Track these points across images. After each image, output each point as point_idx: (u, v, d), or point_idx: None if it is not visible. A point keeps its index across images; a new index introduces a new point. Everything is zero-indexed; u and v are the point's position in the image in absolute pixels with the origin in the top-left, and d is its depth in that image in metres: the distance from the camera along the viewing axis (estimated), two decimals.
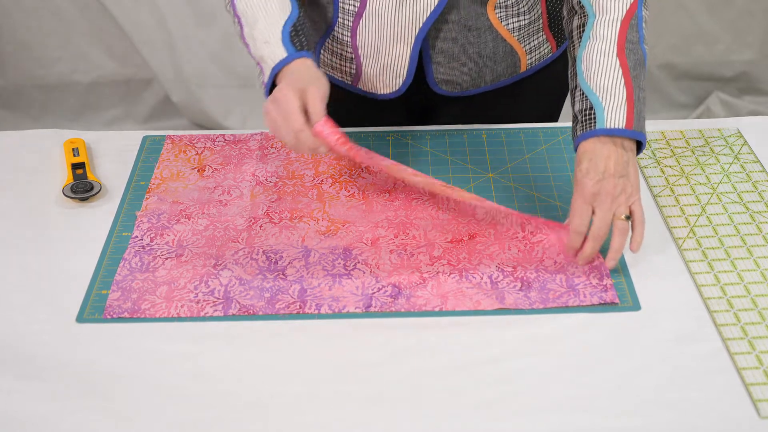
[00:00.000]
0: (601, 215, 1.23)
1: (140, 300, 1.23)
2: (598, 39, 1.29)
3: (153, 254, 1.30)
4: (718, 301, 1.22)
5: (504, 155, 1.50)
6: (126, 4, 2.90)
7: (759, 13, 3.03)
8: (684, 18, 3.02)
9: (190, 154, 1.49)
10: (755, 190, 1.42)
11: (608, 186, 1.22)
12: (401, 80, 1.50)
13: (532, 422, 1.07)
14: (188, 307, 1.22)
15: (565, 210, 1.37)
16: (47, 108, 3.06)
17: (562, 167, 1.47)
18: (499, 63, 1.53)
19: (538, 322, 1.20)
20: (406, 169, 1.33)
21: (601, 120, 1.24)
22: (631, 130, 1.24)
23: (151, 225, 1.35)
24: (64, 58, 2.98)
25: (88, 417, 1.08)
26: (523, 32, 1.51)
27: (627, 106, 1.25)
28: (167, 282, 1.25)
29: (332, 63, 1.55)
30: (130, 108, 3.08)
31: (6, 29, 2.93)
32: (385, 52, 1.48)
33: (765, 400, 1.09)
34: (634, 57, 1.28)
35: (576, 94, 1.29)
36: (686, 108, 3.17)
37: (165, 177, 1.45)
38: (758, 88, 3.15)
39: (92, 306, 1.22)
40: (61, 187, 1.43)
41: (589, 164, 1.23)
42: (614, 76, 1.27)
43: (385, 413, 1.08)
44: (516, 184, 1.43)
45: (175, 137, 1.53)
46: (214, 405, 1.10)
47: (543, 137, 1.54)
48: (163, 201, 1.40)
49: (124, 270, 1.27)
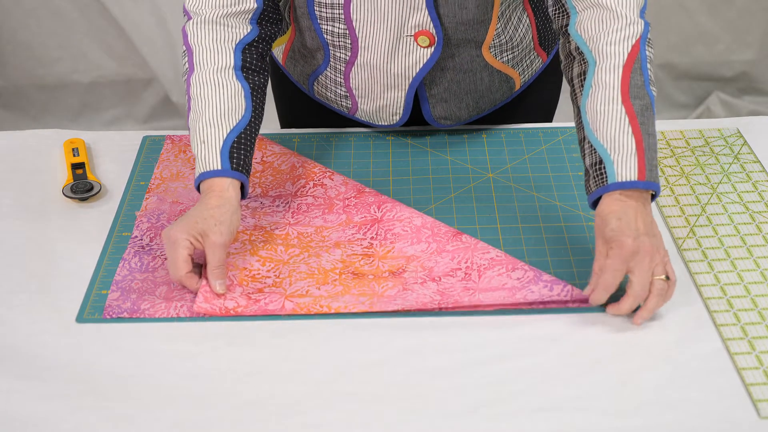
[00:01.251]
0: (640, 274, 1.16)
1: (140, 300, 1.22)
2: (601, 87, 1.22)
3: (153, 254, 1.30)
4: (718, 301, 1.22)
5: (504, 155, 1.50)
6: (126, 4, 2.90)
7: (759, 13, 3.03)
8: (684, 18, 3.02)
9: (189, 155, 1.49)
10: (755, 190, 1.42)
11: (645, 245, 1.16)
12: (398, 117, 1.49)
13: (532, 422, 1.07)
14: (188, 307, 1.22)
15: (564, 209, 1.38)
16: (47, 108, 3.06)
17: (562, 167, 1.47)
18: (496, 92, 1.51)
19: (539, 322, 1.20)
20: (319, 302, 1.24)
21: (612, 174, 1.19)
22: (644, 181, 1.18)
23: (151, 225, 1.35)
24: (64, 58, 2.98)
25: (88, 417, 1.08)
26: (516, 59, 1.49)
27: (637, 155, 1.18)
28: (167, 282, 1.25)
29: (327, 96, 1.52)
30: (130, 108, 3.08)
31: (6, 29, 2.93)
32: (379, 97, 1.46)
33: (765, 400, 1.09)
34: (640, 102, 1.21)
35: (585, 146, 1.23)
36: (686, 108, 3.17)
37: (165, 177, 1.44)
38: (758, 88, 3.15)
39: (92, 306, 1.22)
40: (61, 187, 1.43)
41: (620, 223, 1.17)
42: (621, 126, 1.20)
43: (385, 413, 1.08)
44: (516, 185, 1.43)
45: (175, 137, 1.53)
46: (214, 405, 1.10)
47: (543, 137, 1.54)
48: (163, 201, 1.39)
49: (124, 270, 1.27)
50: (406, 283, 1.25)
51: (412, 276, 1.26)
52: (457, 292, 1.23)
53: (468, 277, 1.26)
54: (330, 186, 1.41)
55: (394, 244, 1.31)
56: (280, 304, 1.22)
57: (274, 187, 1.41)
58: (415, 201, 1.41)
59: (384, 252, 1.30)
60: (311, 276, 1.26)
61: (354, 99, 1.48)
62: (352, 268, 1.28)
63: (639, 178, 1.18)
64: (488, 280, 1.25)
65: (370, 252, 1.30)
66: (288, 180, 1.42)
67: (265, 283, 1.25)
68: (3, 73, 3.00)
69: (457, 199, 1.41)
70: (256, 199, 1.39)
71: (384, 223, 1.34)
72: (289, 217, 1.36)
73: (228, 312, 1.21)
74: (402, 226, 1.34)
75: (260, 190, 1.41)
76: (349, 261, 1.29)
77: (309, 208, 1.38)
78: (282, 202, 1.39)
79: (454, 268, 1.27)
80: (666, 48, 3.07)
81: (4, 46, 2.95)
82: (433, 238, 1.32)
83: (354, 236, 1.33)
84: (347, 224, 1.35)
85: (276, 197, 1.39)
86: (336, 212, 1.37)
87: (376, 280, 1.26)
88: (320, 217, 1.36)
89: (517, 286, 1.24)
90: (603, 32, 1.25)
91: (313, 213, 1.37)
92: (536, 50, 1.50)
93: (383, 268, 1.28)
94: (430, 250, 1.30)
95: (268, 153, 1.47)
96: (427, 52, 1.38)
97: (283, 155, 1.47)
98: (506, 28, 1.43)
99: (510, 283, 1.24)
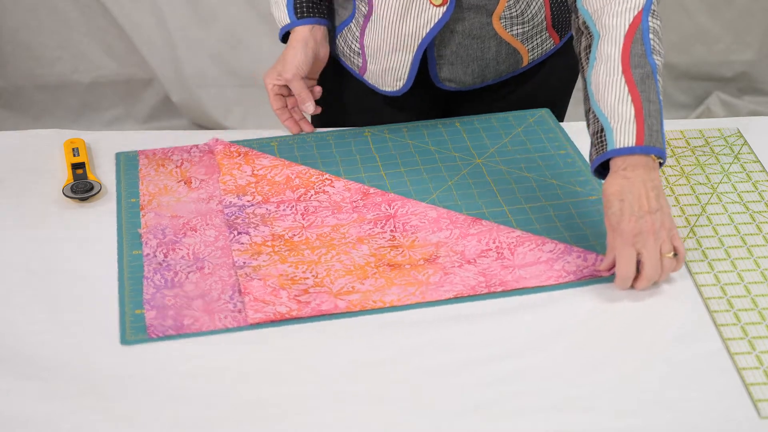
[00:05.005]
0: (648, 255, 1.19)
1: (179, 316, 1.20)
2: (603, 59, 1.27)
3: (173, 270, 1.27)
4: (718, 301, 1.22)
5: (484, 140, 1.52)
6: (126, 4, 2.90)
7: (759, 13, 3.03)
8: (684, 18, 3.02)
9: (170, 167, 1.46)
10: (755, 190, 1.42)
11: (647, 225, 1.19)
12: (401, 83, 1.54)
13: (532, 422, 1.07)
14: (232, 317, 1.20)
15: (561, 187, 1.40)
16: (47, 108, 3.06)
17: (543, 147, 1.51)
18: (502, 63, 1.55)
19: (539, 321, 1.20)
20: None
21: (611, 141, 1.22)
22: (642, 146, 1.20)
23: (159, 241, 1.32)
24: (64, 58, 2.98)
25: (88, 417, 1.08)
26: (526, 35, 1.53)
27: (636, 122, 1.21)
28: (199, 296, 1.23)
29: (344, 52, 1.59)
30: (130, 108, 3.08)
31: (6, 29, 2.92)
32: (387, 57, 1.51)
33: (765, 400, 1.09)
34: (640, 71, 1.24)
35: (589, 117, 1.28)
36: (686, 108, 3.17)
37: (153, 192, 1.41)
38: (758, 88, 3.15)
39: (132, 327, 1.18)
40: (61, 187, 1.43)
41: (621, 205, 1.20)
42: (620, 94, 1.23)
43: (385, 413, 1.08)
44: (506, 167, 1.46)
45: (148, 152, 1.49)
46: (214, 405, 1.09)
47: (514, 121, 1.56)
48: (161, 216, 1.36)
49: (150, 288, 1.24)
50: (445, 268, 1.27)
51: (447, 261, 1.28)
52: (498, 271, 1.26)
53: (502, 256, 1.29)
54: (333, 192, 1.40)
55: (416, 234, 1.32)
56: (332, 303, 1.21)
57: (275, 195, 1.40)
58: (416, 192, 1.41)
59: (410, 242, 1.31)
60: (349, 272, 1.26)
61: (365, 58, 1.55)
62: (385, 261, 1.28)
63: (637, 143, 1.20)
64: (522, 257, 1.28)
65: (396, 243, 1.31)
66: (287, 189, 1.41)
67: (306, 284, 1.24)
68: (3, 73, 3.00)
69: (456, 186, 1.42)
70: (261, 206, 1.38)
71: (399, 218, 1.35)
72: (300, 220, 1.35)
73: (283, 316, 1.19)
74: (418, 218, 1.35)
75: (261, 198, 1.39)
76: (379, 254, 1.29)
77: (317, 209, 1.37)
78: (287, 206, 1.38)
79: (485, 249, 1.29)
80: (666, 48, 3.07)
81: (4, 46, 2.95)
82: (453, 225, 1.33)
83: (373, 230, 1.33)
84: (361, 221, 1.35)
85: (279, 203, 1.38)
86: (346, 212, 1.37)
87: (414, 268, 1.27)
88: (332, 217, 1.36)
89: (552, 258, 1.27)
90: (607, 5, 1.30)
91: (322, 213, 1.36)
92: (549, 30, 1.54)
93: (416, 257, 1.29)
94: (454, 236, 1.32)
95: (257, 167, 1.45)
96: (439, 11, 1.43)
97: (274, 167, 1.45)
98: (518, 2, 1.48)
99: (544, 256, 1.28)
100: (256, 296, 1.22)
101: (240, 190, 1.40)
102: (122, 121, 3.09)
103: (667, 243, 1.20)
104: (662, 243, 1.20)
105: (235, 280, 1.25)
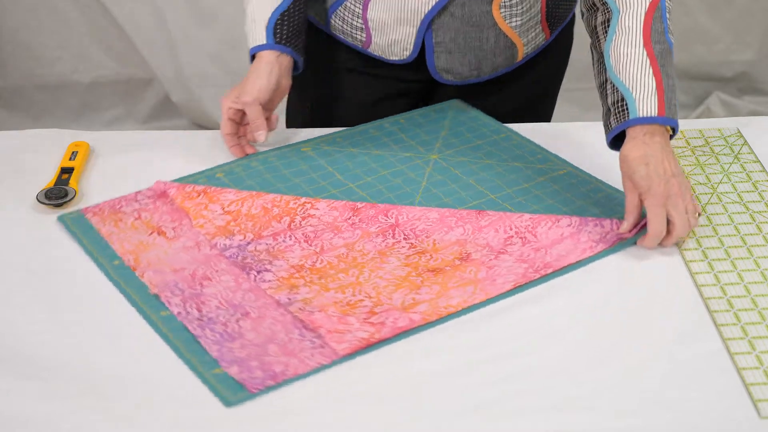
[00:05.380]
0: (678, 216, 1.27)
1: (265, 365, 1.13)
2: (624, 32, 1.33)
3: (218, 322, 1.19)
4: (718, 301, 1.22)
5: (423, 136, 1.53)
6: (126, 4, 2.90)
7: (759, 13, 3.03)
8: (684, 18, 3.02)
9: (129, 221, 1.35)
10: (755, 190, 1.42)
11: (674, 187, 1.27)
12: (408, 52, 1.56)
13: (532, 422, 1.07)
14: (319, 353, 1.14)
15: (530, 168, 1.44)
16: (47, 108, 3.06)
17: (482, 134, 1.54)
18: (499, 56, 1.57)
19: (539, 321, 1.20)
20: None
21: (634, 110, 1.29)
22: (664, 117, 1.28)
23: (182, 296, 1.22)
24: (64, 58, 2.98)
25: (88, 417, 1.08)
26: (523, 27, 1.55)
27: (657, 94, 1.29)
28: (267, 341, 1.16)
29: (343, 29, 1.59)
30: (130, 108, 3.08)
31: (6, 29, 2.92)
32: (392, 30, 1.54)
33: (765, 400, 1.09)
34: (660, 47, 1.33)
35: (607, 87, 1.33)
36: (686, 108, 3.17)
37: (132, 250, 1.30)
38: (758, 88, 3.15)
39: (225, 387, 1.10)
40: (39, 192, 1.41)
41: (648, 169, 1.26)
42: (642, 67, 1.30)
43: (385, 413, 1.08)
44: (465, 158, 1.48)
45: (93, 209, 1.36)
46: (214, 405, 1.09)
47: (436, 115, 1.59)
48: (163, 272, 1.26)
49: (212, 346, 1.15)
50: (485, 263, 1.28)
51: (481, 255, 1.29)
52: (534, 255, 1.29)
53: (527, 240, 1.31)
54: (320, 215, 1.36)
55: (432, 237, 1.32)
56: (407, 319, 1.19)
57: (263, 229, 1.33)
58: (398, 198, 1.40)
59: (431, 246, 1.31)
60: (399, 286, 1.24)
61: (369, 32, 1.55)
62: (423, 267, 1.27)
63: (659, 114, 1.28)
64: (546, 236, 1.31)
65: (420, 249, 1.30)
66: (271, 220, 1.35)
67: (367, 305, 1.21)
68: (3, 73, 3.00)
69: (432, 185, 1.43)
70: (258, 242, 1.31)
71: (404, 226, 1.34)
72: (308, 247, 1.30)
73: (369, 342, 1.15)
74: (423, 222, 1.34)
75: (252, 234, 1.32)
76: (412, 262, 1.28)
77: (317, 234, 1.33)
78: (285, 237, 1.32)
79: (506, 237, 1.31)
80: None
81: (4, 46, 2.95)
82: (461, 221, 1.34)
83: (387, 242, 1.31)
84: (368, 236, 1.32)
85: (274, 236, 1.32)
86: (347, 231, 1.34)
87: (456, 269, 1.27)
88: (337, 237, 1.32)
89: (574, 232, 1.32)
90: None
91: (325, 237, 1.32)
92: (542, 24, 1.57)
93: (448, 258, 1.29)
94: (468, 231, 1.33)
95: (225, 203, 1.37)
96: None
97: (243, 201, 1.37)
98: None
99: (566, 232, 1.32)
100: (329, 328, 1.17)
101: (225, 231, 1.33)
102: (122, 121, 3.09)
103: (690, 203, 1.29)
104: (687, 204, 1.28)
105: (292, 318, 1.19)
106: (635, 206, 1.29)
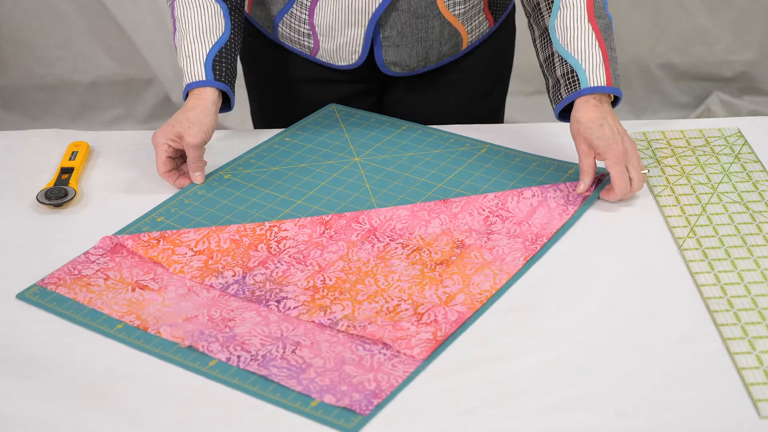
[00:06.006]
0: (635, 171, 1.36)
1: (357, 386, 1.10)
2: (569, 7, 1.42)
3: (276, 357, 1.13)
4: (718, 301, 1.22)
5: (331, 142, 1.53)
6: (126, 4, 2.90)
7: (759, 13, 3.04)
8: (684, 18, 3.02)
9: (100, 284, 1.25)
10: (755, 190, 1.42)
11: (629, 145, 1.37)
12: (356, 56, 1.59)
13: (532, 422, 1.07)
14: (401, 363, 1.13)
15: (451, 152, 1.46)
16: (47, 108, 3.06)
17: (384, 130, 1.56)
18: (444, 45, 1.61)
19: (539, 321, 1.20)
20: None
21: (585, 80, 1.38)
22: (612, 87, 1.38)
23: (220, 342, 1.16)
24: (64, 58, 2.98)
25: (88, 417, 1.08)
26: (466, 15, 1.59)
27: (604, 65, 1.39)
28: (340, 363, 1.13)
29: (290, 37, 1.61)
30: (130, 108, 3.09)
31: (6, 29, 2.93)
32: (340, 33, 1.56)
33: (765, 400, 1.09)
34: (602, 21, 1.42)
35: (554, 60, 1.42)
36: (686, 108, 3.17)
37: (127, 312, 1.21)
38: (758, 88, 3.16)
39: (336, 419, 1.07)
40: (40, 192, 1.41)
41: (603, 130, 1.35)
42: (589, 40, 1.40)
43: (385, 413, 1.08)
44: (386, 155, 1.49)
45: (47, 279, 1.26)
46: (214, 405, 1.09)
47: (324, 119, 1.60)
48: (178, 326, 1.18)
49: (289, 381, 1.10)
50: (483, 246, 1.30)
51: (473, 241, 1.31)
52: (522, 230, 1.33)
53: (504, 218, 1.36)
54: (293, 235, 1.32)
55: (415, 234, 1.33)
56: (454, 312, 1.19)
57: (247, 261, 1.28)
58: (353, 203, 1.39)
59: (420, 241, 1.32)
60: (422, 284, 1.24)
61: (316, 37, 1.58)
62: (432, 262, 1.28)
63: (607, 84, 1.38)
64: (518, 209, 1.37)
65: (414, 247, 1.31)
66: (248, 250, 1.30)
67: (407, 308, 1.20)
68: (3, 73, 3.00)
69: (378, 184, 1.43)
70: (253, 273, 1.26)
71: (381, 229, 1.34)
72: (305, 268, 1.27)
73: (437, 340, 1.15)
74: (397, 221, 1.35)
75: (240, 269, 1.27)
76: (417, 260, 1.28)
77: (304, 255, 1.29)
78: (275, 262, 1.28)
79: (482, 219, 1.35)
80: (666, 48, 3.07)
81: (4, 46, 2.95)
82: (433, 213, 1.36)
83: (377, 246, 1.31)
84: (353, 246, 1.30)
85: (262, 264, 1.27)
86: (330, 245, 1.31)
87: (461, 257, 1.29)
88: (326, 253, 1.29)
89: (542, 200, 1.38)
90: None
91: (313, 255, 1.29)
92: (485, 12, 1.62)
93: (446, 249, 1.30)
94: (445, 220, 1.35)
95: (191, 244, 1.30)
96: None
97: (208, 237, 1.31)
98: None
99: (534, 201, 1.38)
100: (391, 337, 1.15)
101: (211, 271, 1.26)
102: (122, 121, 3.09)
103: (640, 160, 1.38)
104: (638, 160, 1.37)
105: (346, 337, 1.16)
106: (591, 167, 1.37)
